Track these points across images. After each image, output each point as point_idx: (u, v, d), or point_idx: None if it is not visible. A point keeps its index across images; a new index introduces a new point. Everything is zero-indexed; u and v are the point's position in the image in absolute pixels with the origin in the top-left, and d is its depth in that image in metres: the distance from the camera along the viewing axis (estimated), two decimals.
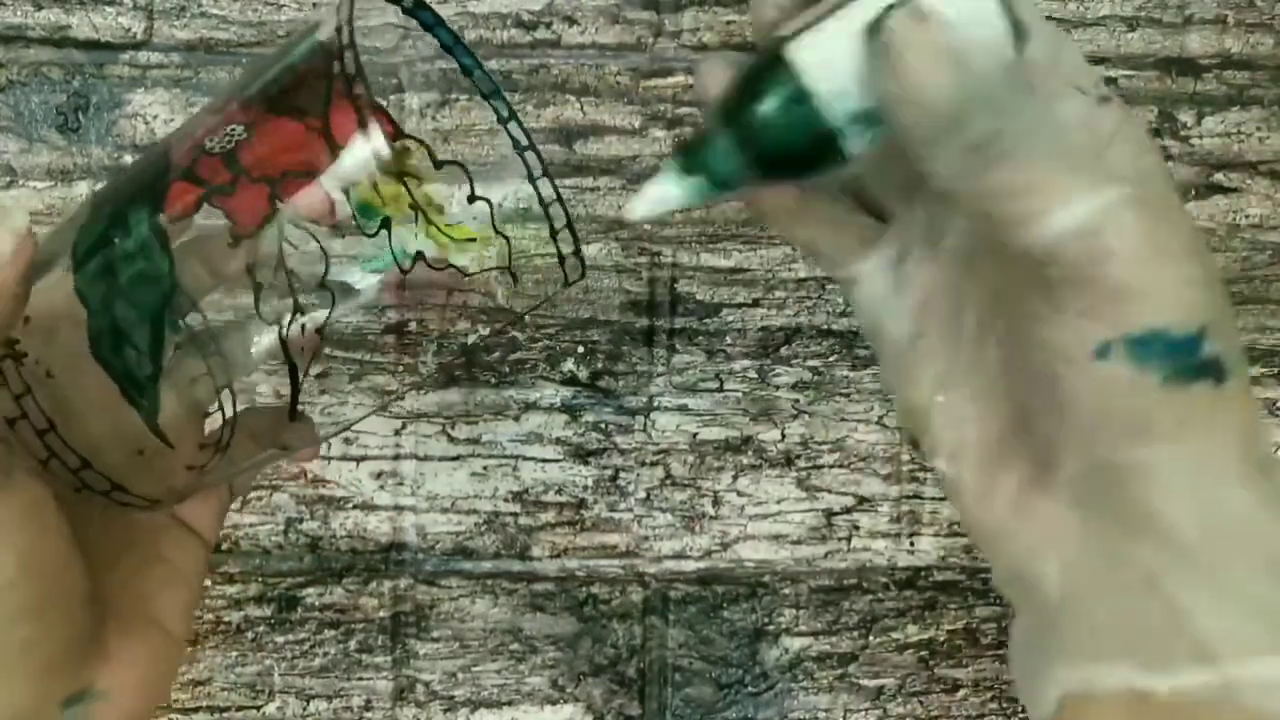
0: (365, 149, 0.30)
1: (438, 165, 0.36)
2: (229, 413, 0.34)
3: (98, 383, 0.31)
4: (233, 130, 0.31)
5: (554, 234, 0.36)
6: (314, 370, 0.46)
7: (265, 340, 0.34)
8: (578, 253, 0.36)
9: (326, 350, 0.47)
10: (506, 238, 0.37)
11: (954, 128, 0.24)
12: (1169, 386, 0.25)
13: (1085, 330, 0.25)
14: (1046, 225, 0.24)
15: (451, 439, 0.47)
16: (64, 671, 0.31)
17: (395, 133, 0.33)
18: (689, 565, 0.48)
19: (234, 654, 0.47)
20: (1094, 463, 0.26)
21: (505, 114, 0.37)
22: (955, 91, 0.24)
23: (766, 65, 0.26)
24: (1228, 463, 0.25)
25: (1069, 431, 0.26)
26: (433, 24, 0.36)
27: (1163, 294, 0.24)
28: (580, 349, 0.47)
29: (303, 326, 0.33)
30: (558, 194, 0.36)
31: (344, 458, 0.47)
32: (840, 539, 0.48)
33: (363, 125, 0.30)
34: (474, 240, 0.38)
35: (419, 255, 0.37)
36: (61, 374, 0.31)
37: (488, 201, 0.37)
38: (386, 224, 0.36)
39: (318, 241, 0.34)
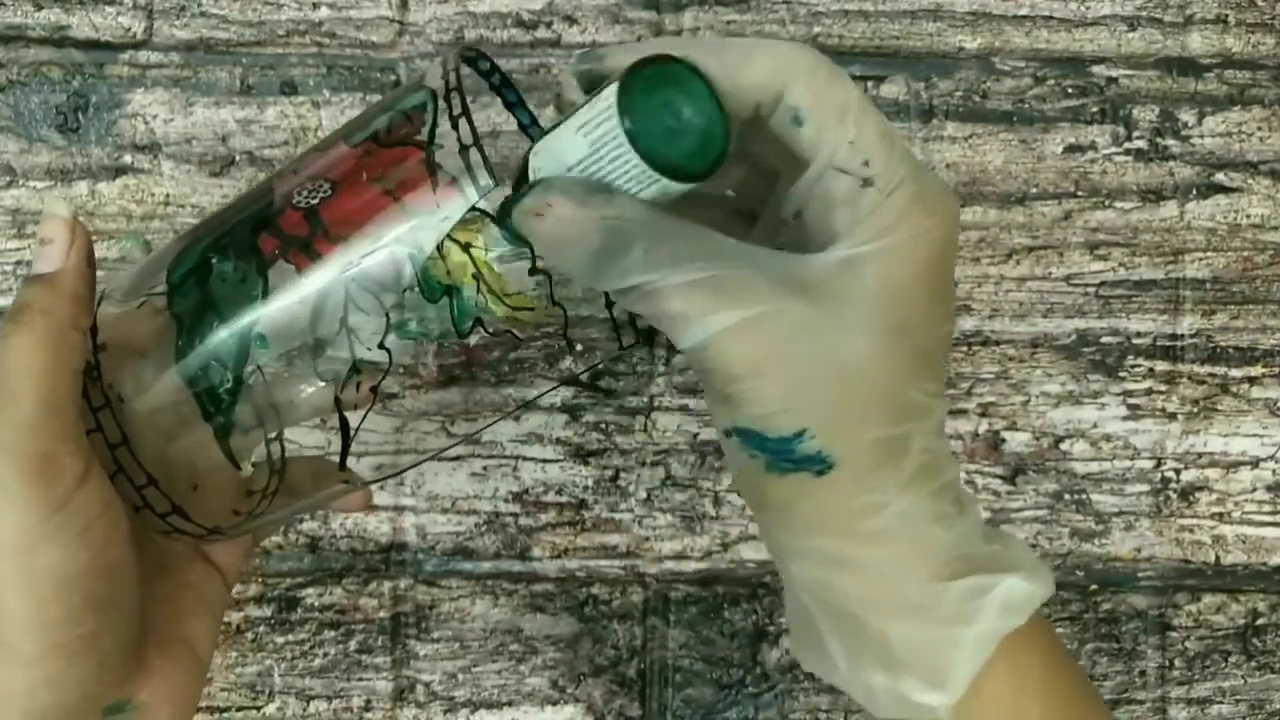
0: (437, 219, 0.31)
1: (508, 241, 0.38)
2: (278, 461, 0.35)
3: (163, 414, 0.33)
4: (320, 185, 0.32)
5: (609, 303, 0.38)
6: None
7: (319, 396, 0.36)
8: (633, 321, 0.37)
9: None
10: (563, 308, 0.38)
11: (596, 275, 0.29)
12: (770, 472, 0.30)
13: (718, 412, 0.31)
14: (678, 341, 0.29)
15: (451, 438, 0.47)
16: (112, 675, 0.32)
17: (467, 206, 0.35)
18: (689, 566, 0.48)
19: (234, 654, 0.47)
20: (752, 511, 0.32)
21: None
22: (585, 259, 0.29)
23: (522, 161, 0.32)
24: (824, 542, 0.30)
25: (736, 482, 0.32)
26: (514, 103, 0.37)
27: (755, 404, 0.29)
28: (580, 348, 0.47)
29: (357, 385, 0.34)
30: (631, 317, 0.38)
31: None
32: None
33: (436, 196, 0.31)
34: (531, 309, 0.39)
35: (477, 322, 0.38)
36: (131, 400, 0.33)
37: (547, 275, 0.38)
38: (450, 292, 0.37)
39: (381, 304, 0.35)
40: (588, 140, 0.30)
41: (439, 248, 0.36)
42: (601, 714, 0.48)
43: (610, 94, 0.29)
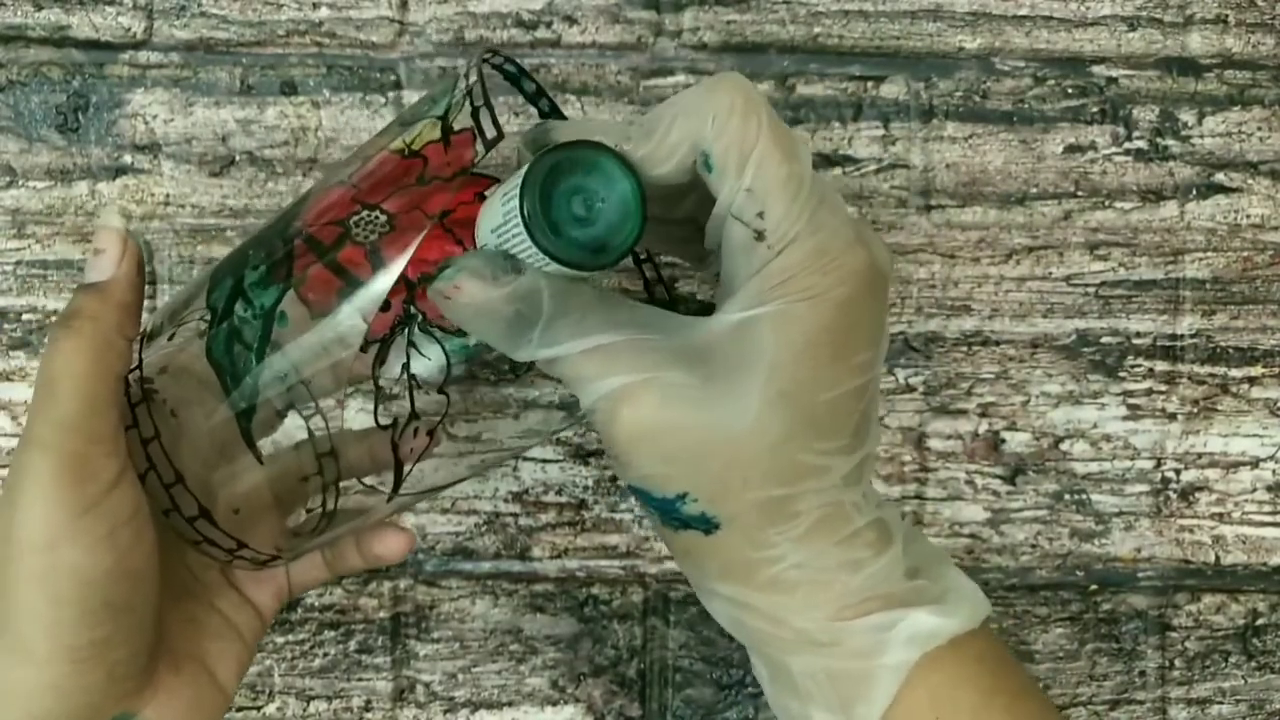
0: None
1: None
2: (330, 506, 0.35)
3: (210, 435, 0.33)
4: (375, 217, 0.32)
5: (646, 284, 0.39)
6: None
7: (378, 444, 0.36)
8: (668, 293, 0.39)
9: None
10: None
11: (508, 347, 0.31)
12: (666, 527, 0.32)
13: (615, 470, 0.32)
14: (581, 403, 0.31)
15: (451, 438, 0.47)
16: (120, 687, 0.32)
17: None
18: None
19: None
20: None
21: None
22: (496, 333, 0.31)
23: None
24: (724, 589, 0.32)
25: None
26: (549, 112, 0.37)
27: (640, 466, 0.30)
28: None
29: (415, 430, 0.34)
30: (659, 275, 0.39)
31: None
32: None
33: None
34: None
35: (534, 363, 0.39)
36: (181, 415, 0.33)
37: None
38: None
39: (442, 347, 0.36)
40: (502, 211, 0.30)
41: None
42: (601, 714, 0.48)
43: (520, 173, 0.30)
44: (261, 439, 0.34)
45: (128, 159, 0.46)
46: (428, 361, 0.36)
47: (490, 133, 0.30)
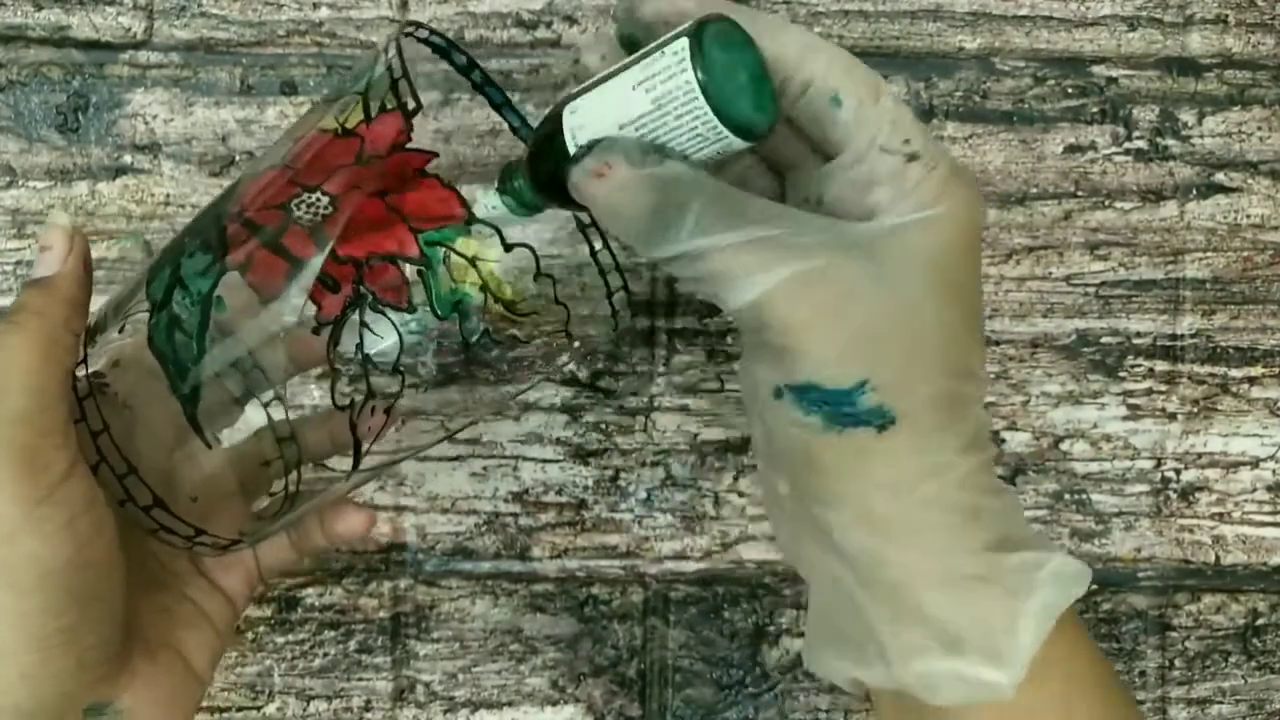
0: (442, 236, 0.31)
1: (507, 248, 0.38)
2: (291, 489, 0.35)
3: (163, 426, 0.33)
4: (318, 200, 0.32)
5: (603, 273, 0.39)
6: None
7: (337, 426, 0.36)
8: (626, 292, 0.38)
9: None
10: (566, 307, 0.38)
11: (649, 240, 0.29)
12: (828, 431, 0.29)
13: (765, 374, 0.30)
14: (730, 300, 0.29)
15: (451, 439, 0.47)
16: (92, 674, 0.32)
17: (469, 216, 0.34)
18: (689, 566, 0.48)
19: (234, 654, 0.47)
20: (795, 487, 0.32)
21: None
22: (640, 223, 0.29)
23: (550, 119, 0.31)
24: (879, 504, 0.30)
25: (775, 456, 0.32)
26: (481, 84, 0.37)
27: (816, 355, 0.29)
28: (578, 346, 0.47)
29: (372, 409, 0.34)
30: (616, 263, 0.38)
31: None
32: None
33: (445, 213, 0.31)
34: (536, 313, 0.39)
35: (485, 332, 0.38)
36: (134, 406, 0.34)
37: (551, 279, 0.39)
38: (458, 307, 0.37)
39: (394, 325, 0.36)
40: (650, 97, 0.29)
41: (445, 263, 0.35)
42: (601, 714, 0.48)
43: (680, 48, 0.29)
44: (222, 427, 0.34)
45: (128, 159, 0.46)
46: (380, 340, 0.36)
47: (410, 104, 0.30)
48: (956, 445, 0.30)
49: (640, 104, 0.29)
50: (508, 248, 0.37)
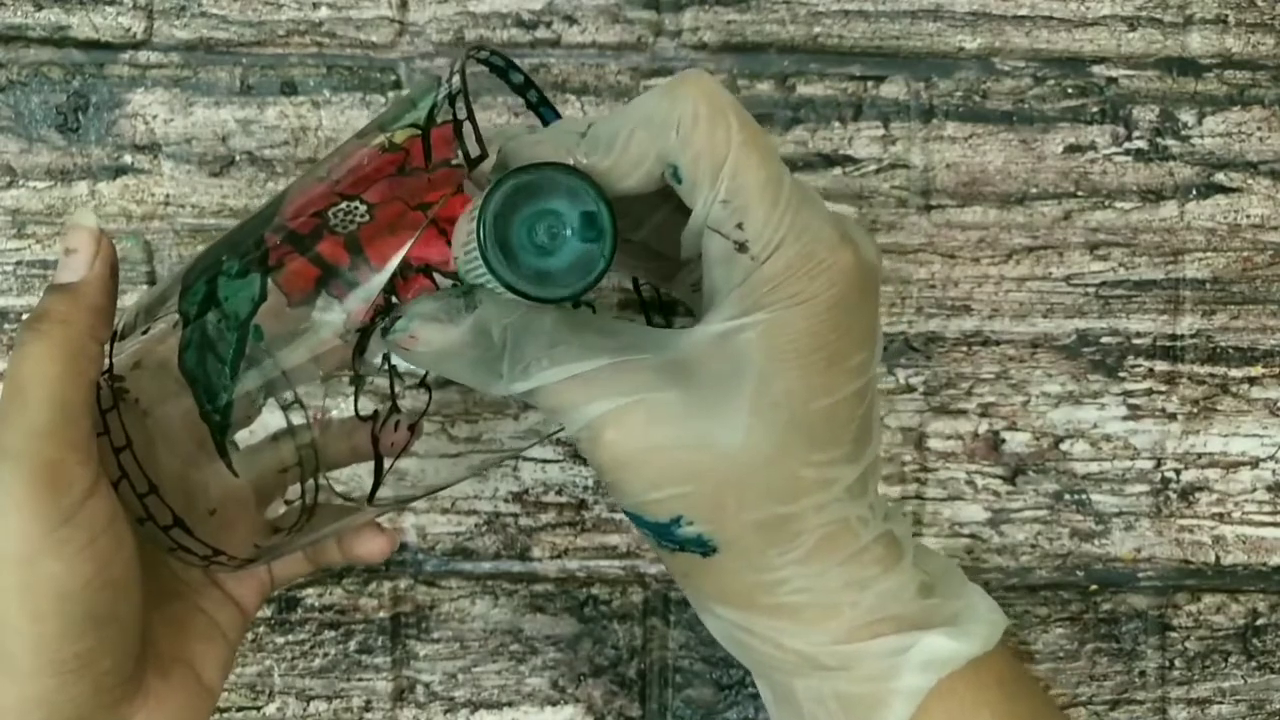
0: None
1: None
2: (310, 501, 0.34)
3: (184, 435, 0.32)
4: (355, 207, 0.31)
5: (638, 288, 0.38)
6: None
7: (358, 436, 0.35)
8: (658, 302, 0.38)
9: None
10: (592, 306, 0.38)
11: (485, 385, 0.30)
12: (663, 549, 0.30)
13: (609, 493, 0.31)
14: (569, 430, 0.30)
15: (451, 438, 0.47)
16: (108, 697, 0.31)
17: None
18: None
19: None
20: None
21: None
22: (467, 374, 0.30)
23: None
24: (725, 612, 0.31)
25: None
26: (538, 103, 0.36)
27: (630, 491, 0.29)
28: None
29: (396, 423, 0.33)
30: (658, 294, 0.38)
31: None
32: None
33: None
34: None
35: None
36: (155, 414, 0.32)
37: (590, 305, 0.38)
38: None
39: None
40: (465, 231, 0.29)
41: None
42: (601, 714, 0.48)
43: (478, 199, 0.28)
44: (239, 431, 0.33)
45: (128, 159, 0.46)
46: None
47: (474, 151, 0.28)
48: (795, 558, 0.29)
49: (462, 236, 0.29)
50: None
